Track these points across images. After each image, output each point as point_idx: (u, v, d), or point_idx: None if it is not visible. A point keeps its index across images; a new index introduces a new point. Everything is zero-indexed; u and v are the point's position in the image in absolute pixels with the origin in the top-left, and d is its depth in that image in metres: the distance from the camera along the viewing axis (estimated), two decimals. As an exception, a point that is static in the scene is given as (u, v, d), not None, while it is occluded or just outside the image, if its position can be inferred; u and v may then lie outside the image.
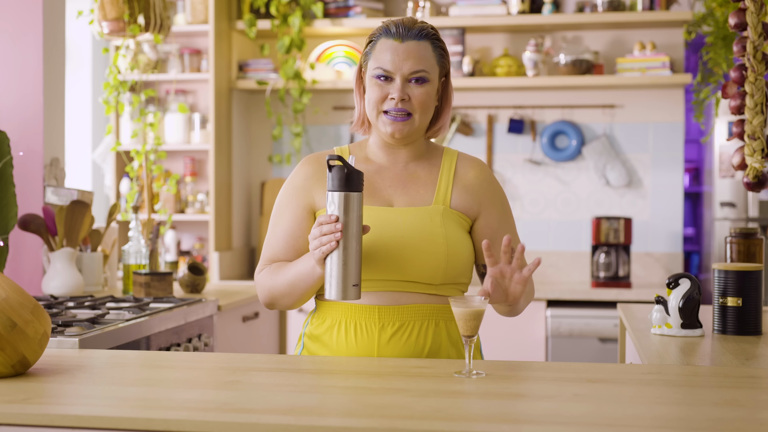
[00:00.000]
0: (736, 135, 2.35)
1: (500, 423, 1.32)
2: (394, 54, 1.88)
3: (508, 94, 4.62)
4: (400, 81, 1.88)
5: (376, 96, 1.89)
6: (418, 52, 1.88)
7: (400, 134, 1.90)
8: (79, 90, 4.55)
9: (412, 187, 1.96)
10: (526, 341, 4.04)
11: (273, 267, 1.94)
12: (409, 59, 1.87)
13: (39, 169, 3.16)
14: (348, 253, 1.74)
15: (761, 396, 1.51)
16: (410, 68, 1.87)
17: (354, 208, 1.74)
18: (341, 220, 1.73)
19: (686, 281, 2.17)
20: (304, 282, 1.86)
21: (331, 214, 1.74)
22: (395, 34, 1.89)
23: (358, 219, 1.75)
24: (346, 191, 1.74)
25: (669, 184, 4.51)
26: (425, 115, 1.92)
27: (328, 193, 1.75)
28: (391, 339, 1.86)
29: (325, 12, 4.55)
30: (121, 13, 3.68)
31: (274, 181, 4.71)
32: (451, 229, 1.90)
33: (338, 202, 1.74)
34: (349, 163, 1.75)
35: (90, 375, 1.68)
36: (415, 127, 1.91)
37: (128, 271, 3.26)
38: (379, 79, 1.89)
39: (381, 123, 1.90)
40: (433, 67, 1.91)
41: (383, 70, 1.88)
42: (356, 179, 1.75)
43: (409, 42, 1.89)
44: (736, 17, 2.32)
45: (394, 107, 1.88)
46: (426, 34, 1.91)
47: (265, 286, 1.94)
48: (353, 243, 1.74)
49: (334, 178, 1.74)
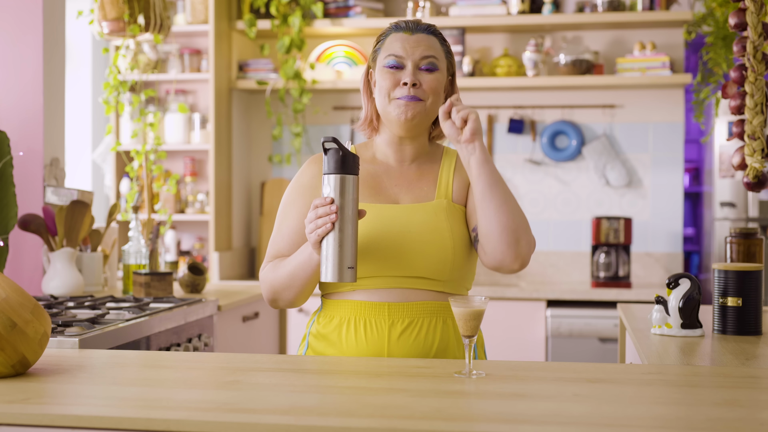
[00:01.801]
0: (736, 135, 2.35)
1: (500, 423, 1.32)
2: (404, 42, 1.93)
3: (508, 94, 4.62)
4: (411, 67, 1.91)
5: (388, 83, 1.92)
6: (428, 41, 1.94)
7: (412, 114, 1.90)
8: (79, 90, 4.55)
9: (416, 184, 1.97)
10: (526, 341, 4.04)
11: (275, 262, 1.95)
12: (420, 46, 1.92)
13: (39, 169, 3.16)
14: (344, 235, 1.74)
15: (761, 396, 1.51)
16: (421, 53, 1.92)
17: (349, 190, 1.75)
18: (337, 203, 1.74)
19: (686, 281, 2.17)
20: (303, 271, 1.86)
21: (326, 197, 1.75)
22: (405, 28, 1.95)
23: (354, 202, 1.76)
24: (342, 173, 1.75)
25: (669, 184, 4.51)
26: (435, 103, 1.94)
27: (324, 176, 1.76)
28: (401, 336, 1.87)
29: (325, 12, 4.55)
30: (121, 13, 3.68)
31: (274, 181, 4.72)
32: (456, 224, 1.91)
33: (333, 184, 1.75)
34: (344, 146, 1.75)
35: (90, 375, 1.68)
36: (425, 111, 1.92)
37: (128, 271, 3.26)
38: (391, 69, 1.92)
39: (393, 107, 1.92)
40: (442, 58, 1.96)
41: (395, 56, 1.92)
42: (351, 162, 1.75)
43: (419, 34, 1.94)
44: (736, 17, 2.32)
45: (406, 93, 1.90)
46: (434, 31, 1.98)
47: (268, 281, 1.94)
48: (349, 225, 1.75)
49: (329, 160, 1.75)
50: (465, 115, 1.83)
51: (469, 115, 1.83)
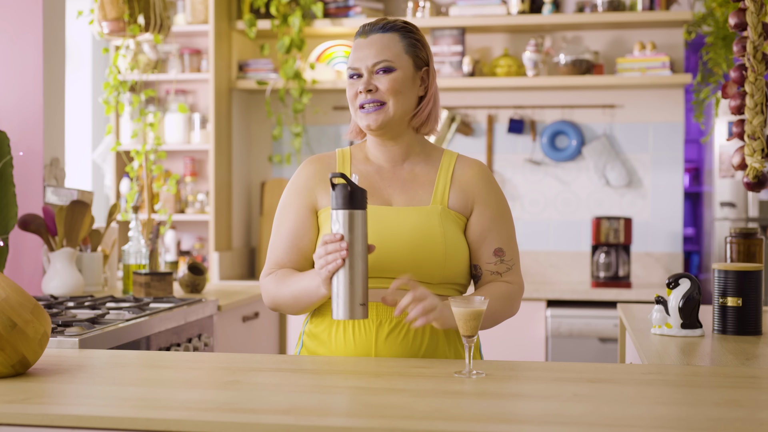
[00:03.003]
0: (736, 135, 2.35)
1: (500, 423, 1.32)
2: (358, 50, 1.93)
3: (508, 94, 4.62)
4: (366, 74, 1.91)
5: (350, 94, 1.94)
6: (381, 42, 1.92)
7: (376, 123, 1.91)
8: (79, 90, 4.55)
9: (411, 187, 1.96)
10: (526, 341, 4.04)
11: (279, 274, 1.94)
12: (371, 51, 1.91)
13: (39, 169, 3.16)
14: (354, 271, 1.72)
15: (761, 396, 1.51)
16: (373, 59, 1.91)
17: (359, 225, 1.73)
18: (346, 239, 1.72)
19: (686, 281, 2.17)
20: (308, 298, 1.87)
21: (335, 233, 1.73)
22: (361, 32, 1.95)
23: (364, 237, 1.73)
24: (350, 209, 1.72)
25: (669, 184, 4.51)
26: (399, 103, 1.92)
27: (332, 211, 1.74)
28: (388, 337, 1.87)
29: (325, 12, 4.55)
30: (121, 13, 3.68)
31: (274, 181, 4.72)
32: (450, 229, 1.90)
33: (342, 220, 1.72)
34: (352, 181, 1.73)
35: (90, 375, 1.68)
36: (390, 115, 1.91)
37: (128, 271, 3.26)
38: (351, 78, 1.94)
39: (359, 118, 1.94)
40: (399, 55, 1.92)
41: (351, 68, 1.93)
42: (360, 197, 1.73)
43: (373, 36, 1.93)
44: (736, 17, 2.32)
45: (364, 100, 1.91)
46: (393, 27, 1.94)
47: (270, 293, 1.95)
48: (359, 261, 1.73)
49: (338, 196, 1.72)
50: (416, 315, 1.76)
51: (417, 314, 1.76)
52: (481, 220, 1.95)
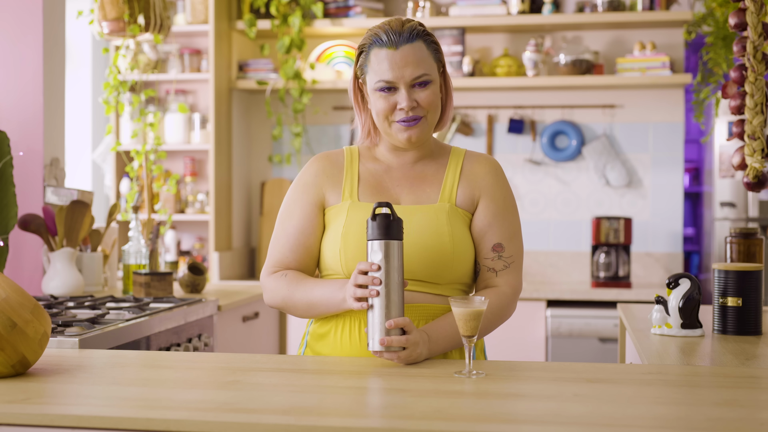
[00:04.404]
0: (736, 135, 2.35)
1: (500, 423, 1.32)
2: (392, 63, 1.85)
3: (508, 94, 4.62)
4: (405, 89, 1.86)
5: (384, 108, 1.87)
6: (415, 55, 1.86)
7: (417, 138, 1.89)
8: (79, 90, 4.55)
9: (419, 185, 1.95)
10: (526, 341, 4.04)
11: (292, 277, 1.91)
12: (408, 65, 1.85)
13: (39, 169, 3.16)
14: (390, 302, 1.71)
15: (761, 396, 1.51)
16: (411, 74, 1.85)
17: (395, 256, 1.71)
18: (383, 269, 1.71)
19: (686, 281, 2.17)
20: (326, 308, 1.86)
21: (372, 263, 1.71)
22: (387, 42, 1.86)
23: (400, 268, 1.72)
24: (387, 239, 1.71)
25: (669, 184, 4.51)
26: (435, 114, 1.91)
27: (369, 242, 1.72)
28: None
29: (325, 12, 4.55)
30: (121, 13, 3.68)
31: (274, 181, 4.72)
32: (457, 228, 1.89)
33: (379, 250, 1.71)
34: (394, 212, 1.72)
35: (90, 375, 1.68)
36: (428, 127, 1.91)
37: (128, 271, 3.26)
38: (383, 92, 1.87)
39: (395, 131, 1.89)
40: (431, 66, 1.89)
41: (385, 81, 1.86)
42: (397, 227, 1.72)
43: (404, 47, 1.85)
44: (736, 17, 2.32)
45: (405, 117, 1.87)
46: (417, 33, 1.88)
47: (279, 295, 1.92)
48: (394, 293, 1.71)
49: (377, 225, 1.71)
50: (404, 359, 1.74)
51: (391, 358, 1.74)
52: (484, 214, 1.93)
